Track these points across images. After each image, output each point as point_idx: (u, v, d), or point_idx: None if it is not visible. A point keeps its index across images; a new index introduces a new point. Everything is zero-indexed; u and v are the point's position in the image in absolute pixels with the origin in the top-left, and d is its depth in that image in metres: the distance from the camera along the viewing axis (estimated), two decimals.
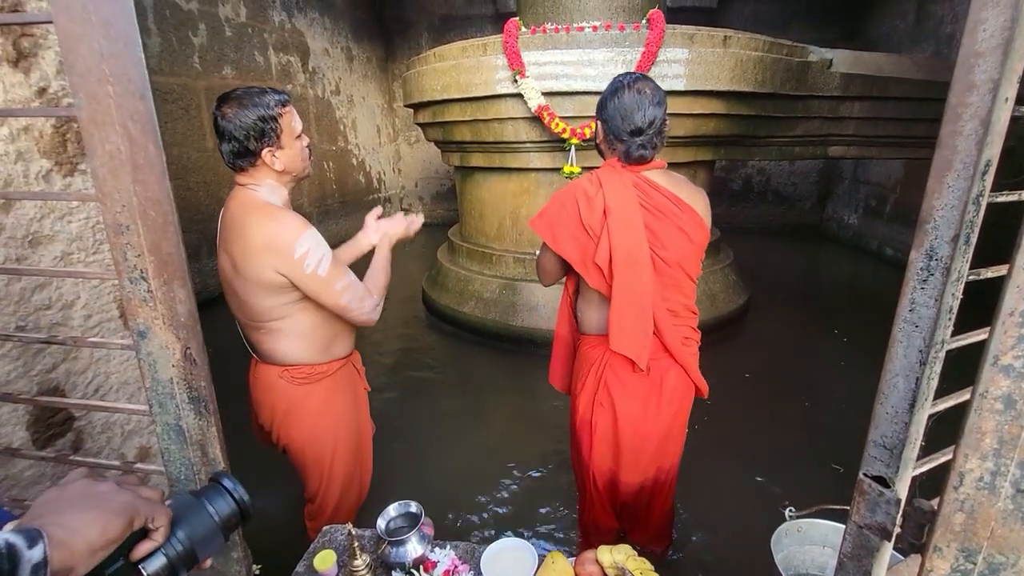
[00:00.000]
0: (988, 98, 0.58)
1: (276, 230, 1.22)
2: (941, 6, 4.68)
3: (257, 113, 1.20)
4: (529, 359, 3.23)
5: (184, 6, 3.87)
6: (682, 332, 1.42)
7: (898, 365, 0.69)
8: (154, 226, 0.68)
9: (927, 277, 0.65)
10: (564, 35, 2.85)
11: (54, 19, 0.62)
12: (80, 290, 1.18)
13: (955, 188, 0.61)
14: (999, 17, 0.56)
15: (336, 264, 1.30)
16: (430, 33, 6.93)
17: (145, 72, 0.62)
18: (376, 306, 1.40)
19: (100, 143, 0.65)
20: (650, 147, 1.33)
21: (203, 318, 0.75)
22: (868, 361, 3.15)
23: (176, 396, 0.75)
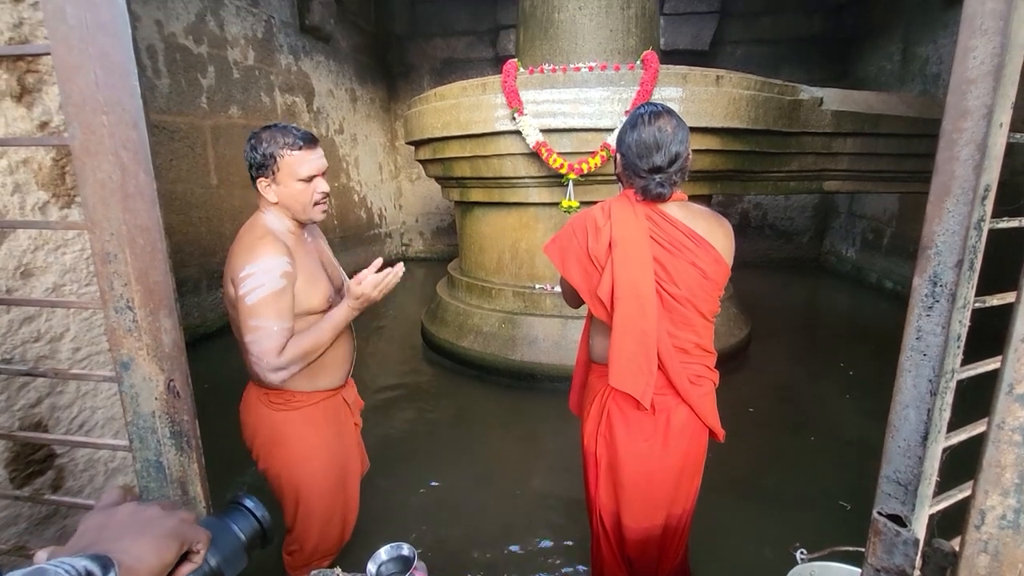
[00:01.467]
0: (983, 124, 0.57)
1: (246, 249, 1.26)
2: (926, 48, 4.84)
3: (263, 148, 1.28)
4: (529, 394, 3.18)
5: (195, 50, 4.00)
6: (692, 371, 1.36)
7: (908, 396, 0.67)
8: (142, 254, 0.67)
9: (932, 304, 0.63)
10: (561, 75, 2.93)
11: (52, 51, 0.63)
12: (70, 322, 1.16)
13: (955, 213, 0.60)
14: (988, 45, 0.56)
15: (271, 303, 1.22)
16: (432, 76, 7.16)
17: (140, 101, 0.63)
18: (279, 369, 1.25)
19: (92, 172, 0.65)
20: (668, 185, 1.28)
21: (201, 353, 0.73)
22: (875, 395, 3.10)
23: (157, 431, 0.72)
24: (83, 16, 0.61)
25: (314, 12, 5.28)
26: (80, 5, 0.61)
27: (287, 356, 1.26)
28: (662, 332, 1.33)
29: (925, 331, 0.64)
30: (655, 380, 1.34)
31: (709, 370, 1.43)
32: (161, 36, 3.71)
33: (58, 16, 0.62)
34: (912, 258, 4.88)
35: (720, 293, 1.39)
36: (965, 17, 0.57)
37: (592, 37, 3.43)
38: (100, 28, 0.61)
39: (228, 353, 1.41)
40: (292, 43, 5.22)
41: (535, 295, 3.41)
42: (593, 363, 1.54)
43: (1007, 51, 0.55)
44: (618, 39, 3.46)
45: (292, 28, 5.22)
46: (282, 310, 1.26)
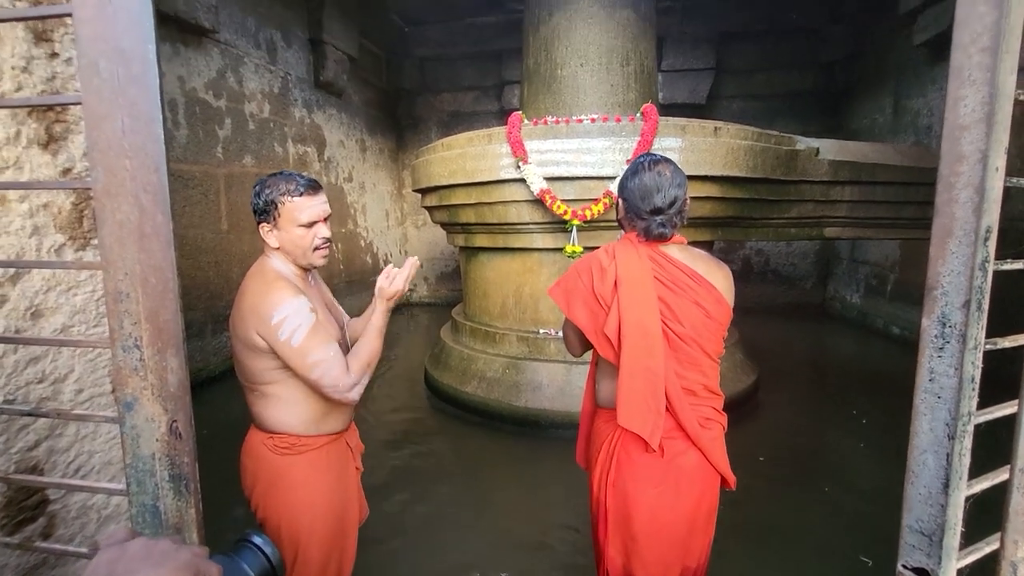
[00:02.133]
0: (979, 167, 0.59)
1: (263, 294, 1.27)
2: (916, 101, 5.01)
3: (265, 195, 1.31)
4: (533, 442, 3.10)
5: (213, 103, 4.19)
6: (701, 413, 1.35)
7: (925, 440, 0.65)
8: (153, 293, 0.68)
9: (943, 345, 0.63)
10: (564, 126, 3.04)
11: (83, 100, 0.66)
12: (75, 363, 1.16)
13: (958, 254, 0.61)
14: (977, 94, 0.58)
15: (315, 336, 1.26)
16: (439, 127, 7.43)
17: (162, 147, 0.65)
18: (354, 386, 1.29)
19: (112, 213, 0.67)
20: (669, 226, 1.34)
21: (202, 397, 0.73)
22: (889, 443, 3.01)
23: (156, 474, 0.71)
24: (115, 69, 0.65)
25: (328, 69, 5.55)
26: (113, 59, 0.65)
27: (355, 371, 1.30)
28: (669, 372, 1.33)
29: (938, 373, 0.63)
30: (663, 421, 1.32)
31: (718, 413, 1.41)
32: (183, 91, 3.89)
33: (91, 69, 0.66)
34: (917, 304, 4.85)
35: (724, 333, 1.39)
36: (953, 69, 0.60)
37: (593, 92, 3.58)
38: (131, 80, 0.65)
39: (230, 397, 1.40)
40: (306, 97, 5.47)
41: (539, 340, 3.40)
42: (600, 408, 1.51)
43: (996, 100, 0.58)
44: (618, 93, 3.61)
45: (307, 84, 5.47)
46: (327, 338, 1.29)
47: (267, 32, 4.81)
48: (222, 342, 4.30)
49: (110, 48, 0.65)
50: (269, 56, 4.85)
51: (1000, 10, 0.56)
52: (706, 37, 6.40)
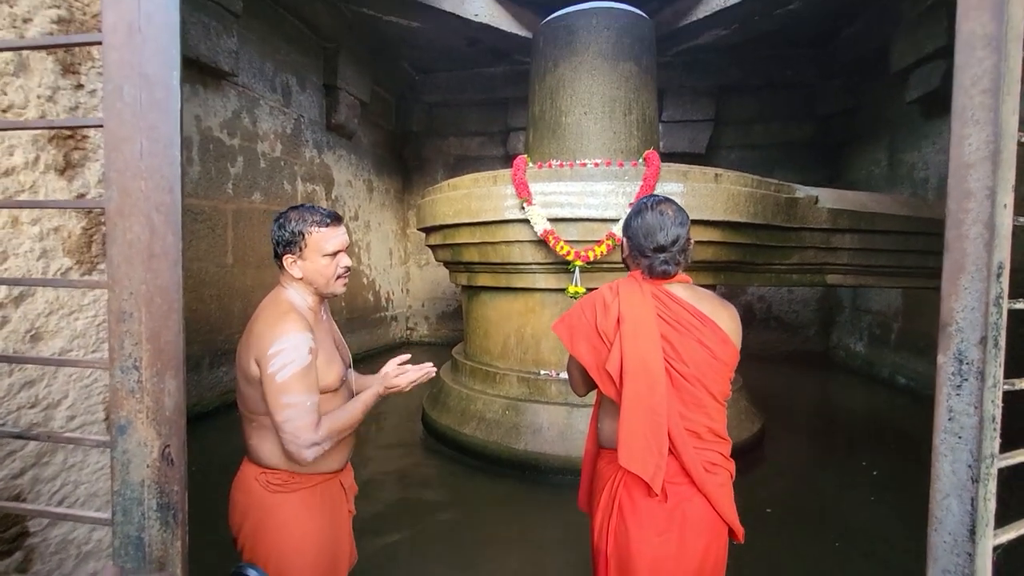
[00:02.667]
0: (987, 204, 0.59)
1: (272, 324, 1.27)
2: (911, 155, 5.14)
3: (292, 226, 1.33)
4: (532, 487, 3.00)
5: (227, 142, 4.32)
6: (706, 457, 1.30)
7: (947, 484, 0.63)
8: (158, 313, 0.67)
9: (961, 383, 0.61)
10: (568, 170, 3.11)
11: (104, 123, 0.67)
12: (69, 388, 1.13)
13: (971, 290, 0.61)
14: (981, 133, 0.59)
15: (301, 379, 1.24)
16: (445, 170, 7.61)
17: (178, 169, 0.66)
18: (314, 445, 1.24)
19: (122, 232, 0.67)
20: (673, 263, 1.35)
21: (194, 433, 0.71)
22: (901, 497, 2.90)
23: (144, 502, 0.68)
24: (138, 94, 0.67)
25: (340, 113, 5.75)
26: (137, 84, 0.67)
27: (323, 432, 1.26)
28: (673, 413, 1.29)
29: (957, 411, 0.61)
30: (666, 463, 1.28)
31: (725, 459, 1.36)
32: (198, 129, 4.02)
33: (116, 94, 0.67)
34: (923, 354, 4.78)
35: (730, 375, 1.36)
36: (955, 109, 0.62)
37: (597, 138, 3.69)
38: (153, 105, 0.67)
39: (223, 434, 1.36)
40: (317, 139, 5.63)
41: (540, 381, 3.35)
42: (602, 449, 1.47)
43: (1001, 139, 0.59)
44: (621, 140, 3.71)
45: (319, 126, 5.65)
46: (311, 385, 1.26)
47: (283, 76, 5.01)
48: (218, 377, 4.25)
49: (135, 74, 0.67)
50: (284, 99, 5.04)
51: (999, 54, 0.58)
52: (705, 90, 6.65)
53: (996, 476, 0.62)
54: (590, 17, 3.72)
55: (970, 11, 0.59)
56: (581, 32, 3.72)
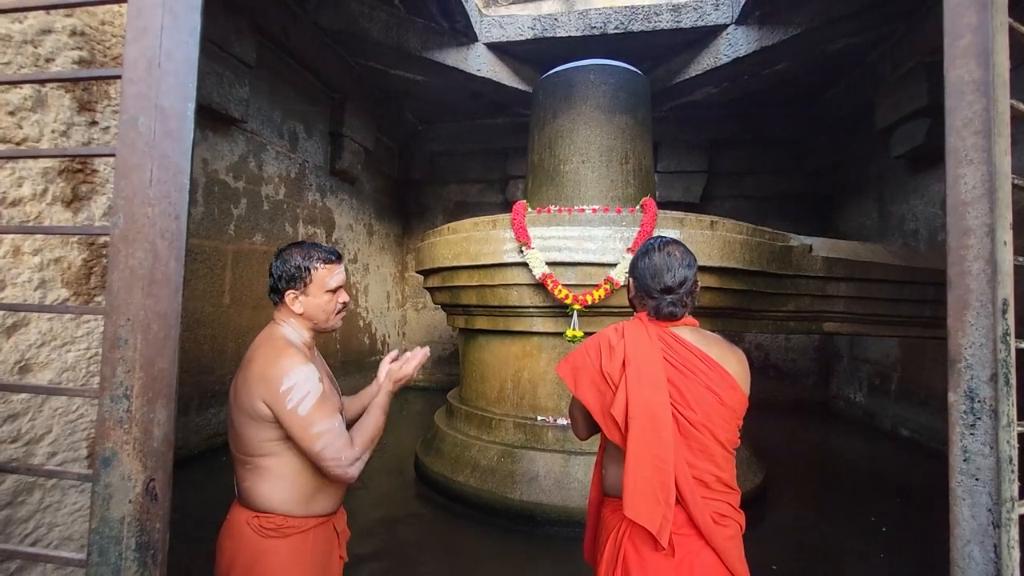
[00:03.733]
0: (987, 240, 0.60)
1: (273, 361, 1.26)
2: (900, 207, 5.28)
3: (296, 261, 1.35)
4: (527, 540, 2.87)
5: (232, 184, 4.40)
6: (714, 508, 1.25)
7: (967, 530, 0.60)
8: (154, 340, 0.66)
9: (974, 421, 0.60)
10: (567, 215, 3.16)
11: (117, 151, 0.69)
12: (53, 423, 1.10)
13: (977, 326, 0.60)
14: (976, 172, 0.61)
15: (322, 406, 1.25)
16: (445, 215, 7.74)
17: (186, 196, 0.67)
18: (356, 460, 1.27)
19: (125, 258, 0.67)
20: (680, 305, 1.34)
21: (179, 477, 0.68)
22: (911, 553, 2.78)
23: (123, 540, 0.64)
24: (152, 124, 0.69)
25: (344, 159, 5.90)
26: (152, 115, 0.68)
27: (359, 445, 1.29)
28: (680, 461, 1.25)
29: (972, 452, 0.60)
30: (673, 514, 1.23)
31: (734, 510, 1.31)
32: (204, 172, 4.10)
33: (130, 124, 0.69)
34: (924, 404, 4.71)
35: (739, 422, 1.33)
36: (949, 150, 0.63)
37: (594, 186, 3.78)
38: (166, 134, 0.68)
39: (209, 478, 1.31)
40: (321, 183, 5.75)
41: (537, 427, 3.27)
42: (606, 497, 1.42)
43: (996, 178, 0.60)
44: (618, 188, 3.81)
45: (323, 171, 5.79)
46: (333, 409, 1.29)
47: (291, 123, 5.18)
48: (206, 419, 4.14)
49: (151, 106, 0.68)
50: (291, 144, 5.18)
51: (987, 98, 0.61)
52: (698, 144, 6.88)
53: (1017, 522, 0.59)
54: (588, 72, 3.90)
55: (956, 59, 0.62)
56: (579, 86, 3.89)
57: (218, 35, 3.89)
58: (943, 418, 4.57)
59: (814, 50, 5.03)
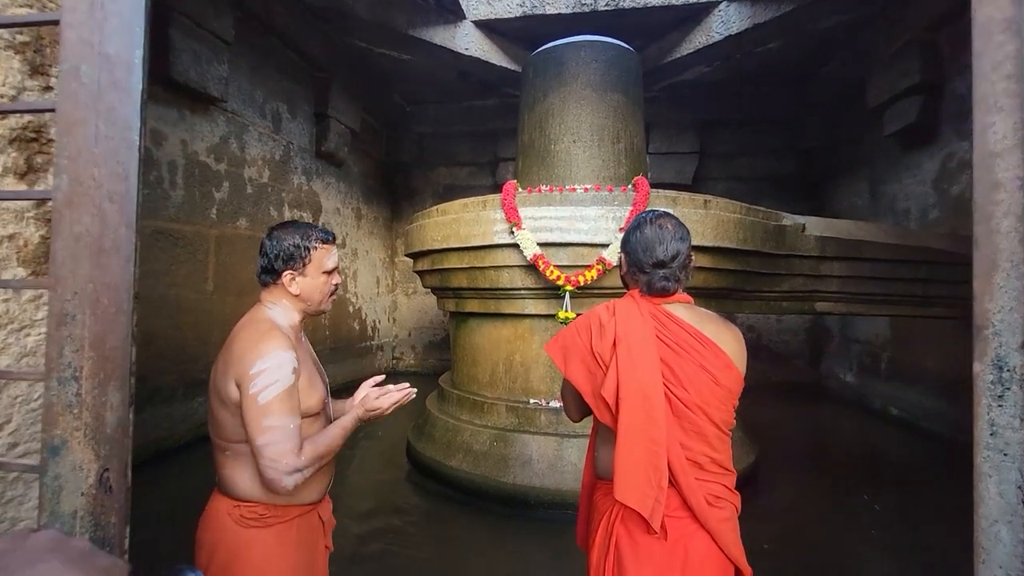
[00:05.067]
0: (1019, 195, 0.55)
1: (255, 342, 1.20)
2: (892, 186, 5.26)
3: (294, 240, 1.29)
4: (521, 524, 2.85)
5: (214, 167, 4.26)
6: (709, 489, 1.22)
7: (994, 508, 0.56)
8: (104, 316, 0.59)
9: (1002, 392, 0.55)
10: (558, 195, 3.09)
11: (57, 106, 0.61)
12: (14, 412, 1.03)
13: (1007, 288, 0.55)
14: (1008, 120, 0.56)
15: (284, 401, 1.16)
16: (434, 199, 7.62)
17: (137, 155, 0.60)
18: (296, 472, 1.16)
19: (69, 225, 0.60)
20: (673, 280, 1.29)
21: (164, 470, 0.62)
22: (904, 532, 2.81)
23: (75, 534, 0.58)
24: (96, 74, 0.61)
25: (330, 141, 5.75)
26: (96, 64, 0.61)
27: (306, 456, 1.18)
28: (673, 442, 1.21)
29: (1000, 425, 0.55)
30: (665, 497, 1.19)
31: (729, 491, 1.28)
32: (184, 153, 3.96)
33: (72, 74, 0.62)
34: (915, 384, 4.74)
35: (735, 403, 1.29)
36: (977, 98, 0.58)
37: (586, 166, 3.71)
38: (112, 85, 0.61)
39: (195, 469, 1.26)
40: (306, 166, 5.61)
41: (529, 411, 3.24)
42: (599, 480, 1.38)
43: None
44: (609, 168, 3.74)
45: (308, 153, 5.64)
46: (294, 407, 1.19)
47: (274, 104, 5.02)
48: (192, 408, 4.06)
49: (95, 53, 0.61)
50: (274, 126, 5.03)
51: (1020, 39, 0.55)
52: (690, 124, 6.81)
53: None
54: (579, 49, 3.80)
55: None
56: (570, 63, 3.79)
57: (194, 9, 3.73)
58: (933, 397, 4.63)
59: (806, 27, 4.95)
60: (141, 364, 3.70)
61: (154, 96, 3.69)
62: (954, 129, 4.32)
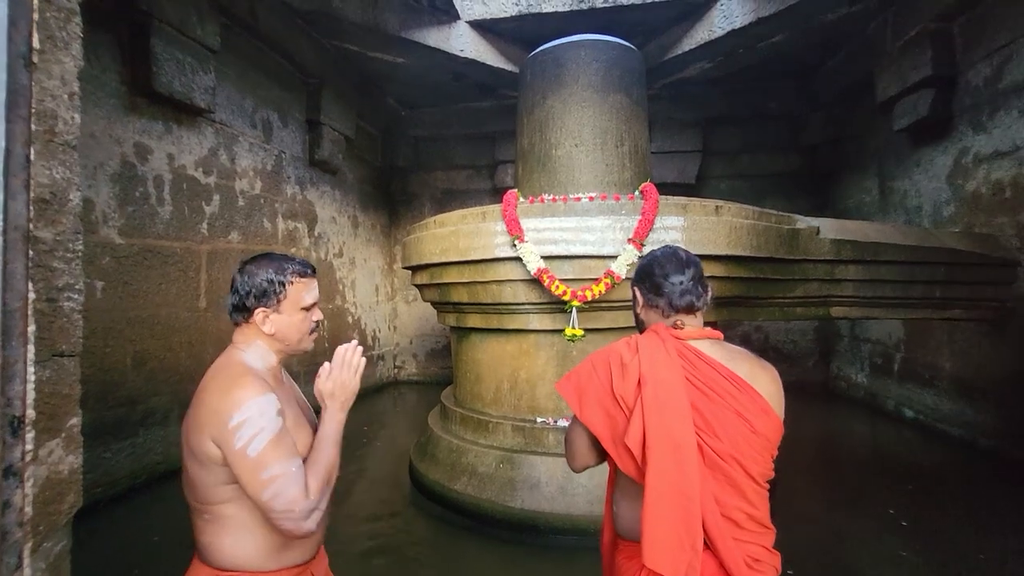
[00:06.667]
0: None
1: (225, 392, 1.09)
2: (903, 182, 5.11)
3: (267, 275, 1.20)
4: (530, 551, 2.72)
5: (203, 180, 4.12)
6: (747, 551, 1.09)
7: None
8: None
9: None
10: (562, 204, 2.95)
11: None
12: None
13: None
14: None
15: (277, 447, 1.06)
16: (432, 204, 7.48)
17: None
18: (312, 512, 1.06)
19: None
20: (694, 293, 1.20)
21: (159, 494, 0.47)
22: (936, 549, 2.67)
23: None
24: None
25: (324, 148, 5.60)
26: None
27: (314, 492, 1.08)
28: (707, 498, 1.08)
29: None
30: (701, 561, 1.05)
31: (769, 552, 1.15)
32: (171, 168, 3.82)
33: None
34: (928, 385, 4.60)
35: (773, 452, 1.15)
36: None
37: (589, 171, 3.56)
38: None
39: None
40: (300, 175, 5.47)
41: (536, 430, 3.10)
42: (620, 540, 1.24)
43: None
44: (614, 172, 3.59)
45: (301, 162, 5.50)
46: (290, 450, 1.09)
47: (264, 112, 4.87)
48: None
49: None
50: (264, 135, 4.88)
51: None
52: (692, 122, 6.65)
53: None
54: (578, 49, 3.65)
55: None
56: (570, 64, 3.64)
57: (176, 17, 3.58)
58: (949, 398, 4.48)
59: (812, 20, 4.80)
60: (133, 386, 3.58)
61: (137, 109, 3.55)
62: (969, 123, 4.16)
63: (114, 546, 2.77)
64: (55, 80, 1.02)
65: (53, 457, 0.99)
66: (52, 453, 0.99)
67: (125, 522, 3.08)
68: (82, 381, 1.10)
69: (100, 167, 3.30)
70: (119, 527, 3.01)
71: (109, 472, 3.31)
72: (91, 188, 3.23)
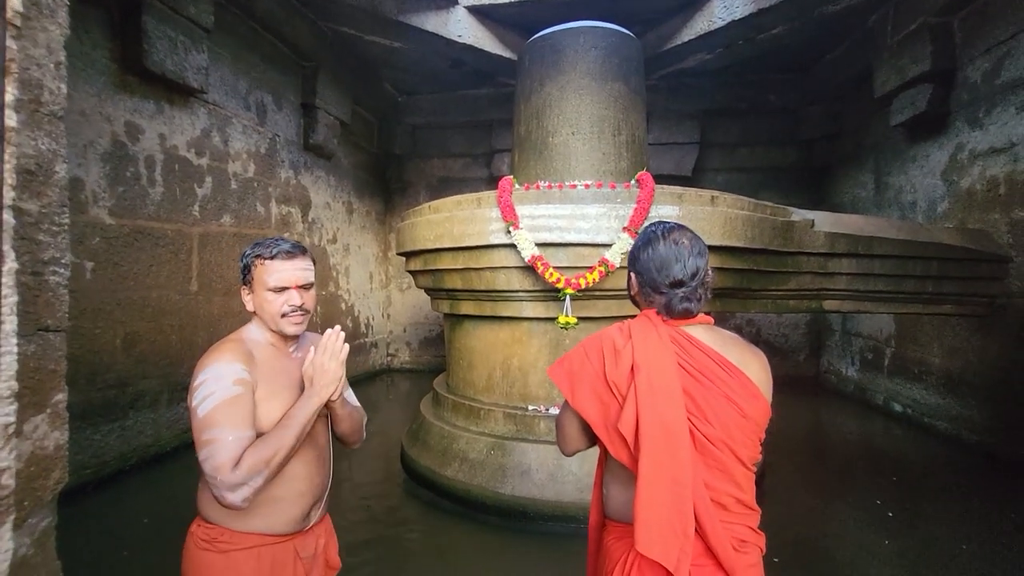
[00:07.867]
0: None
1: (206, 356, 1.20)
2: (898, 178, 5.12)
3: (244, 258, 1.28)
4: (520, 538, 2.74)
5: (195, 161, 4.07)
6: (734, 533, 1.10)
7: None
8: None
9: None
10: (557, 192, 2.93)
11: None
12: None
13: None
14: None
15: (225, 410, 1.09)
16: (428, 191, 7.43)
17: None
18: (236, 486, 1.04)
19: None
20: (694, 299, 1.16)
21: (150, 476, 0.47)
22: (915, 539, 2.71)
23: None
24: None
25: (319, 133, 5.54)
26: None
27: (244, 468, 1.06)
28: (697, 483, 1.09)
29: None
30: (692, 545, 1.06)
31: (754, 533, 1.16)
32: (162, 148, 3.77)
33: None
34: (918, 379, 4.64)
35: (761, 436, 1.16)
36: None
37: (585, 159, 3.54)
38: None
39: (181, 478, 1.16)
40: (294, 159, 5.41)
41: (528, 417, 3.11)
42: (609, 521, 1.24)
43: None
44: (610, 161, 3.58)
45: (295, 146, 5.44)
46: (238, 419, 1.11)
47: (258, 95, 4.81)
48: (178, 413, 3.91)
49: None
50: (259, 117, 4.82)
51: None
52: (690, 113, 6.62)
53: None
54: (577, 36, 3.61)
55: None
56: (568, 51, 3.61)
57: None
58: (938, 393, 4.53)
59: (813, 11, 4.76)
60: (123, 368, 3.56)
61: (129, 87, 3.49)
62: (965, 119, 4.17)
63: (103, 528, 2.77)
64: (41, 48, 1.00)
65: (38, 433, 0.98)
66: (37, 428, 0.98)
67: (114, 504, 3.07)
68: (71, 361, 1.09)
69: (90, 145, 3.25)
70: (108, 509, 3.00)
71: (98, 454, 3.30)
72: (81, 167, 3.18)
